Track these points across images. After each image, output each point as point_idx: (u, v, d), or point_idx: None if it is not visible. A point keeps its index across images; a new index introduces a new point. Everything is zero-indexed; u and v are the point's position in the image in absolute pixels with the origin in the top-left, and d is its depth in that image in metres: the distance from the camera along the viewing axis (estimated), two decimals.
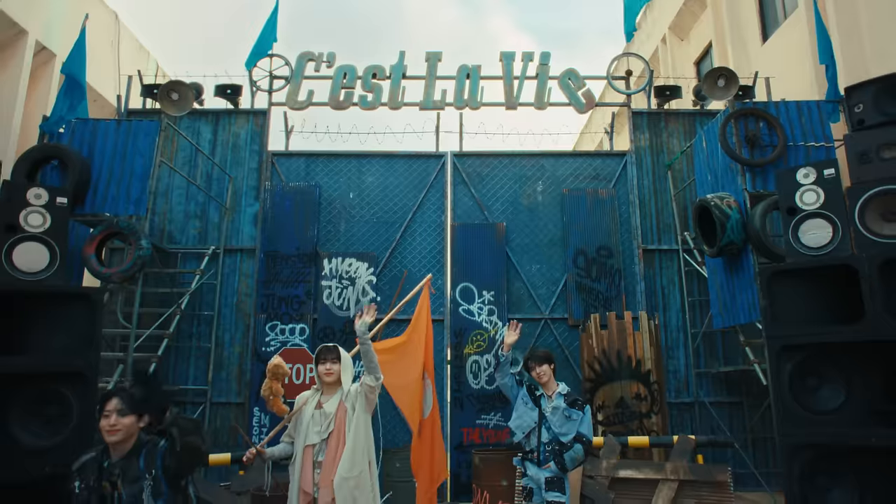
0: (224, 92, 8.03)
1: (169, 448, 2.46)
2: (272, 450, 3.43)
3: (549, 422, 4.05)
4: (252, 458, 3.29)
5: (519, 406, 4.28)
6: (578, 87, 8.09)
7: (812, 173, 3.64)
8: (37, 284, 3.44)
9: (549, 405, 4.09)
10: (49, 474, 3.24)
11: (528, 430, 4.16)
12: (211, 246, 7.54)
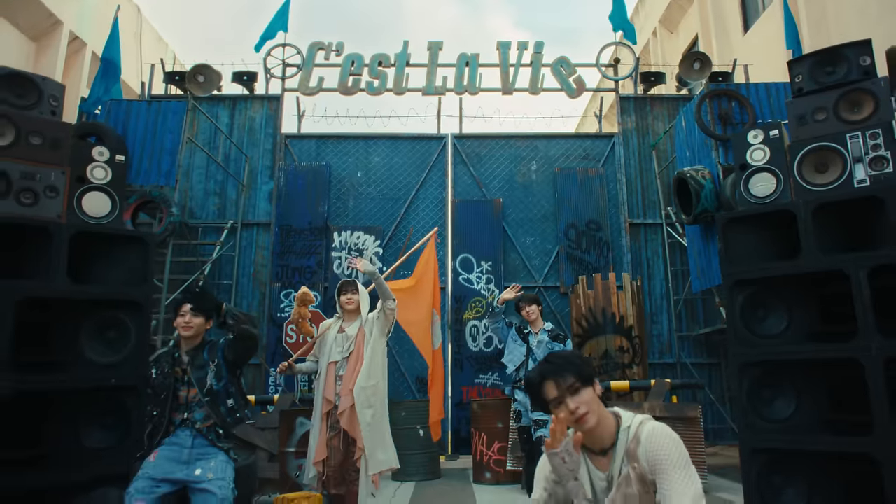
0: (241, 79, 8.65)
1: (227, 342, 3.08)
2: (300, 366, 4.06)
3: (535, 354, 4.68)
4: (285, 369, 3.92)
5: (510, 344, 4.91)
6: (570, 74, 8.70)
7: (760, 134, 4.26)
8: (101, 227, 4.05)
9: (535, 340, 4.72)
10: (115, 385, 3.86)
11: (519, 363, 4.80)
12: (229, 220, 8.16)
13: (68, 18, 8.04)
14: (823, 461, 3.77)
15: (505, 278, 8.01)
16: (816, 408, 3.92)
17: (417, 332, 4.80)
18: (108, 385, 3.87)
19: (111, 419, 3.90)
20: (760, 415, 3.97)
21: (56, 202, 3.90)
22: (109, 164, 4.18)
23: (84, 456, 3.76)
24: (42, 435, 3.46)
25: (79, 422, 3.84)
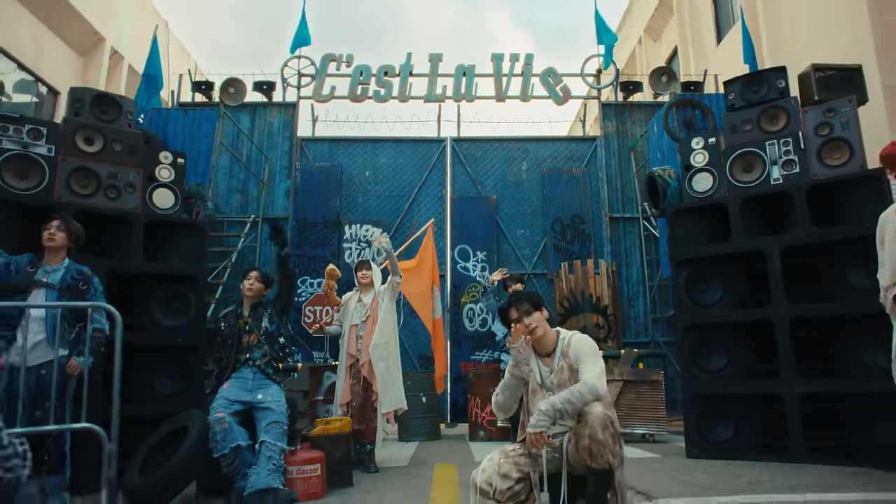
0: (261, 88, 9.59)
1: (274, 297, 4.08)
2: (329, 328, 5.04)
3: None
4: (318, 329, 4.89)
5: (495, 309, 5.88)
6: (557, 83, 9.66)
7: (701, 141, 5.24)
8: (167, 216, 5.02)
9: None
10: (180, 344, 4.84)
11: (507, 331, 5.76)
12: (251, 215, 9.12)
13: (110, 35, 9.00)
14: (747, 401, 4.78)
15: (498, 266, 8.93)
16: (743, 360, 4.93)
17: (419, 301, 5.77)
18: (175, 343, 4.86)
19: (177, 370, 4.90)
20: (699, 367, 4.98)
21: (133, 197, 4.89)
22: (172, 166, 5.18)
23: (157, 398, 4.74)
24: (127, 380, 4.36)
25: (152, 372, 4.83)
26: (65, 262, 3.56)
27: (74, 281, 3.52)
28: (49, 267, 3.49)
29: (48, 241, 3.50)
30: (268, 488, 3.31)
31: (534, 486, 2.59)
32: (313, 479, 3.56)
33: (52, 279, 3.46)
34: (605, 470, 2.41)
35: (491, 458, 2.63)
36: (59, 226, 3.55)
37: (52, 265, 3.50)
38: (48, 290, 3.42)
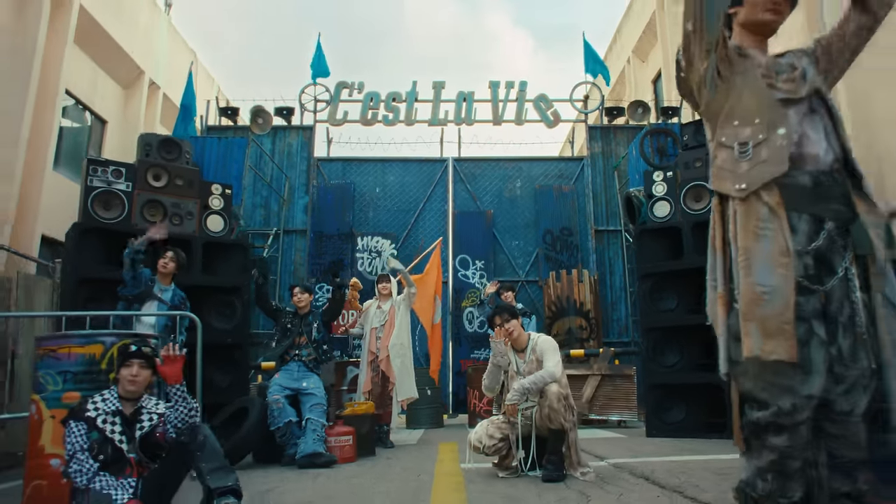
0: (281, 113, 10.64)
1: (323, 310, 5.14)
2: (353, 330, 6.11)
3: None
4: (344, 331, 5.95)
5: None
6: (548, 108, 10.71)
7: (661, 174, 6.30)
8: (219, 238, 6.09)
9: None
10: (229, 343, 5.89)
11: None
12: (273, 228, 10.17)
13: (149, 69, 10.07)
14: (695, 389, 5.83)
15: (495, 274, 10.01)
16: (694, 356, 6.00)
17: (421, 309, 6.83)
18: (225, 343, 5.92)
19: (226, 365, 5.97)
20: (657, 362, 6.03)
21: (192, 222, 5.96)
22: (221, 196, 6.26)
23: (213, 389, 5.80)
24: None
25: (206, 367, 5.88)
26: (172, 286, 4.65)
27: (179, 302, 4.62)
28: (161, 286, 4.56)
29: (163, 269, 4.58)
30: (315, 452, 4.36)
31: (512, 444, 3.65)
32: (347, 447, 4.62)
33: (165, 297, 4.54)
34: (560, 430, 3.47)
35: (481, 425, 3.70)
36: (172, 257, 4.63)
37: (164, 285, 4.58)
38: (160, 304, 4.50)
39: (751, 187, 1.60)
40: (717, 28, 1.65)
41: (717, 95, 1.73)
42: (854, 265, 1.57)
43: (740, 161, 1.63)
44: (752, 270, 1.54)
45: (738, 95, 1.69)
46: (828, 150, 1.65)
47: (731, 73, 1.71)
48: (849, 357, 1.52)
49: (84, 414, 2.58)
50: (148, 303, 4.51)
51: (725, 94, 1.72)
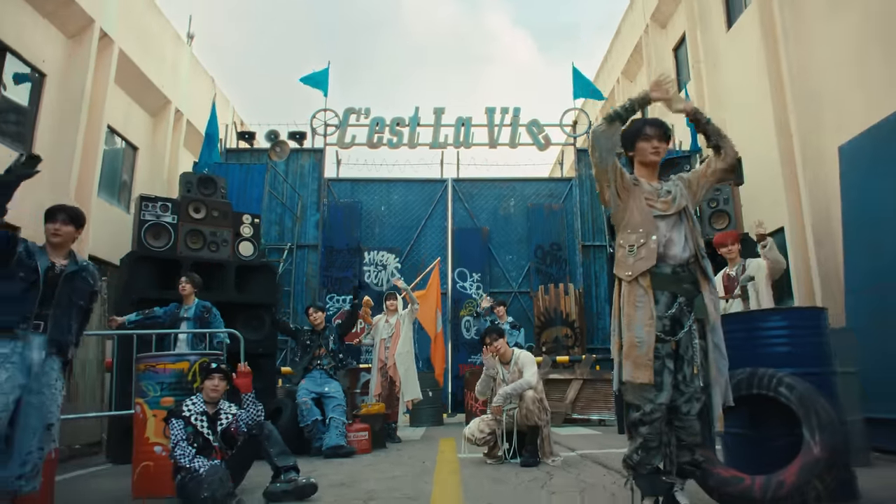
0: (294, 136, 11.58)
1: (338, 325, 6.09)
2: (365, 340, 7.06)
3: None
4: (357, 342, 6.91)
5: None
6: (539, 132, 11.67)
7: None
8: (249, 261, 7.05)
9: (501, 327, 7.70)
10: (260, 353, 6.85)
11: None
12: (288, 243, 11.13)
13: (174, 97, 11.02)
14: None
15: (490, 286, 10.99)
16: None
17: (425, 320, 7.79)
18: (256, 352, 6.87)
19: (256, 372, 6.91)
20: None
21: (226, 248, 6.92)
22: (251, 225, 7.22)
23: None
24: None
25: None
26: (195, 302, 5.60)
27: (201, 312, 5.57)
28: (185, 307, 5.53)
29: (181, 292, 5.54)
30: (338, 445, 5.32)
31: (498, 438, 4.62)
32: (363, 441, 5.59)
33: (188, 314, 5.51)
34: (535, 426, 4.43)
35: (474, 421, 4.67)
36: (185, 280, 5.59)
37: (187, 305, 5.55)
38: (187, 322, 5.46)
39: (634, 274, 2.54)
40: (610, 162, 2.62)
41: (617, 211, 2.69)
42: (696, 323, 2.53)
43: (629, 257, 2.58)
44: (632, 327, 2.49)
45: (631, 212, 2.65)
46: (685, 249, 2.60)
47: (627, 196, 2.67)
48: (689, 380, 2.47)
49: (181, 413, 3.55)
50: (181, 325, 5.48)
51: (623, 211, 2.67)
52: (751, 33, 9.41)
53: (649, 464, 2.43)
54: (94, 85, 8.51)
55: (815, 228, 7.75)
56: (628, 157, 2.83)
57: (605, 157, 2.64)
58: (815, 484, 2.30)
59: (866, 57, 6.98)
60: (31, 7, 7.63)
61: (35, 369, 3.05)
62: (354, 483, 3.84)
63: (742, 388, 2.71)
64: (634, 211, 2.65)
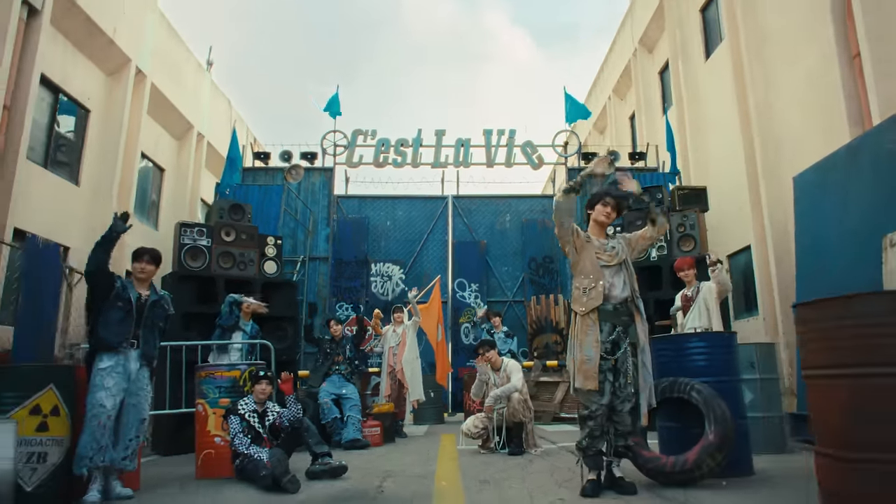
0: (306, 157, 12.51)
1: (353, 335, 7.03)
2: (375, 349, 8.00)
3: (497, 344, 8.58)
4: (370, 350, 7.85)
5: (482, 336, 8.83)
6: (533, 152, 12.60)
7: (611, 229, 8.20)
8: (273, 279, 7.99)
9: (497, 336, 8.64)
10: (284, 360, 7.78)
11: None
12: (300, 255, 12.05)
13: (196, 122, 11.97)
14: None
15: (487, 295, 11.92)
16: None
17: (428, 329, 8.73)
18: (281, 359, 7.80)
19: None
20: None
21: (253, 267, 7.85)
22: (274, 245, 8.16)
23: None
24: None
25: None
26: (251, 321, 6.53)
27: (255, 332, 6.51)
28: (244, 322, 6.45)
29: (246, 310, 6.46)
30: (355, 439, 6.26)
31: (490, 432, 5.56)
32: (376, 436, 6.52)
33: (246, 329, 6.43)
34: (520, 423, 5.37)
35: (470, 418, 5.61)
36: (252, 306, 6.51)
37: (245, 321, 6.47)
38: (243, 334, 6.39)
39: (586, 310, 3.47)
40: (568, 225, 3.56)
41: (574, 261, 3.62)
42: (630, 346, 3.47)
43: (583, 297, 3.51)
44: (583, 348, 3.42)
45: (584, 262, 3.58)
46: (623, 291, 3.53)
47: (581, 250, 3.61)
48: (623, 387, 3.39)
49: (237, 411, 4.49)
50: (235, 333, 6.40)
51: (578, 261, 3.60)
52: (724, 67, 10.35)
53: (594, 447, 3.37)
54: (131, 117, 9.46)
55: (776, 247, 8.69)
56: (587, 213, 3.77)
57: (565, 221, 3.58)
58: (709, 461, 3.24)
59: (819, 99, 7.91)
60: (76, 49, 8.55)
61: (132, 377, 4.00)
62: (373, 467, 4.77)
63: (666, 392, 3.65)
64: (587, 262, 3.59)
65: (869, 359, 2.21)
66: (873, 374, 2.19)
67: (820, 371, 2.36)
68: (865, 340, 2.22)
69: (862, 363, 2.22)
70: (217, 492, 3.97)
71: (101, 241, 4.03)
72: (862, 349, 2.22)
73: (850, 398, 2.23)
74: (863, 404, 2.20)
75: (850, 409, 2.23)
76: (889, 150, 6.26)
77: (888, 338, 2.18)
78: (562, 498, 3.28)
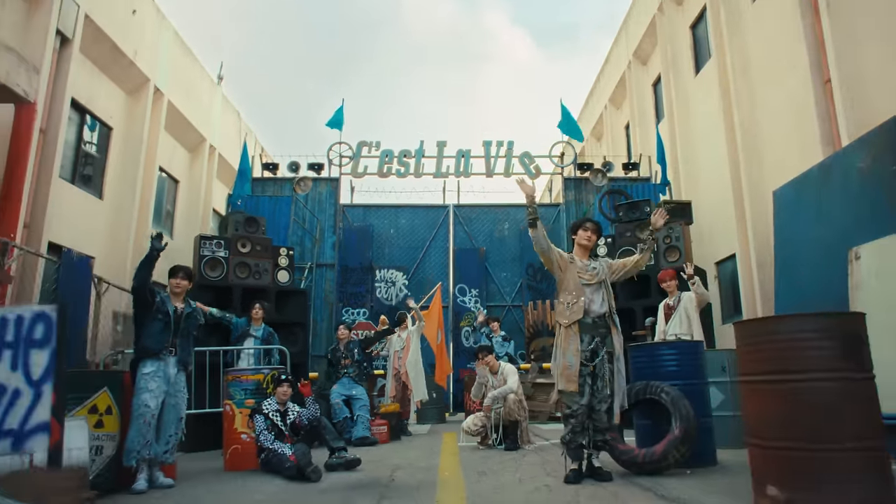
0: (313, 167, 13.06)
1: (360, 340, 7.57)
2: (382, 353, 8.55)
3: (496, 347, 9.13)
4: (377, 354, 8.40)
5: (482, 340, 9.37)
6: (531, 163, 13.13)
7: (603, 239, 8.74)
8: (286, 287, 8.54)
9: (495, 340, 9.19)
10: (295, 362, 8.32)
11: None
12: (308, 262, 12.60)
13: (208, 135, 12.54)
14: None
15: (487, 300, 12.46)
16: None
17: (429, 333, 9.28)
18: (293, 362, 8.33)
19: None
20: None
21: (267, 276, 8.42)
22: (287, 256, 8.71)
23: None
24: None
25: None
26: (262, 325, 7.07)
27: (267, 336, 7.05)
28: (254, 327, 7.00)
29: (254, 315, 7.00)
30: (364, 436, 6.80)
31: (488, 429, 6.10)
32: (383, 434, 7.06)
33: (257, 334, 6.98)
34: (515, 421, 5.91)
35: (469, 417, 6.15)
36: (259, 307, 7.05)
37: (256, 327, 7.02)
38: (254, 339, 6.94)
39: (569, 322, 4.01)
40: (546, 247, 4.10)
41: (559, 279, 4.17)
42: (606, 354, 4.01)
43: (566, 311, 4.05)
44: (566, 356, 3.96)
45: (567, 280, 4.12)
46: (602, 307, 4.07)
47: (565, 270, 4.15)
48: (600, 390, 3.93)
49: (262, 411, 5.04)
50: (247, 340, 6.96)
51: (562, 279, 4.15)
52: (712, 83, 10.89)
53: (576, 441, 3.92)
54: (150, 133, 10.02)
55: (758, 256, 9.22)
56: (572, 238, 4.32)
57: (545, 246, 4.13)
58: (674, 453, 3.78)
59: (796, 119, 8.44)
60: (100, 71, 9.12)
61: (171, 380, 4.55)
62: (383, 460, 5.32)
63: (641, 394, 4.20)
64: (570, 280, 4.13)
65: (789, 367, 2.75)
66: (792, 380, 2.73)
67: (752, 377, 2.90)
68: (786, 353, 2.76)
69: (783, 371, 2.76)
70: (248, 481, 4.51)
71: (144, 260, 4.58)
72: (784, 360, 2.76)
73: (774, 399, 2.78)
74: (783, 404, 2.74)
75: (773, 407, 2.77)
76: (857, 170, 6.80)
77: (803, 350, 2.72)
78: (547, 484, 3.82)
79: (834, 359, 2.66)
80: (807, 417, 2.64)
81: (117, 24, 8.86)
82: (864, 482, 2.51)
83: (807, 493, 2.57)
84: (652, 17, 13.59)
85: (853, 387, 2.63)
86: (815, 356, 2.69)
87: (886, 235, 6.18)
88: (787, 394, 2.72)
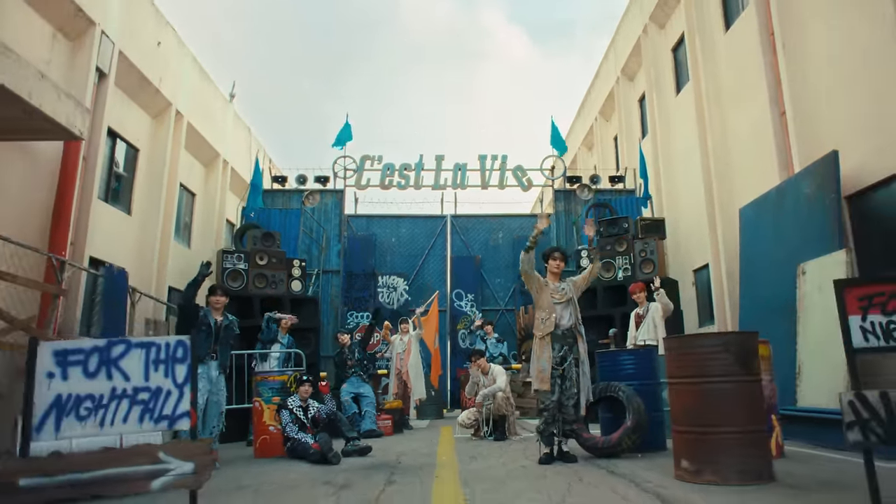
0: (319, 179, 13.95)
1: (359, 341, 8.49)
2: (386, 354, 9.46)
3: (489, 349, 10.04)
4: (381, 356, 9.31)
5: (477, 343, 10.29)
6: (523, 176, 14.03)
7: (584, 252, 9.65)
8: (299, 296, 9.44)
9: (489, 342, 10.10)
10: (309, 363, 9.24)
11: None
12: (315, 269, 13.48)
13: (222, 150, 13.42)
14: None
15: (482, 304, 13.37)
16: None
17: (427, 338, 10.20)
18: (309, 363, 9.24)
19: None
20: None
21: (282, 286, 9.33)
22: (300, 266, 9.61)
23: None
24: None
25: None
26: (287, 335, 7.97)
27: (292, 343, 7.96)
28: (281, 335, 7.90)
29: (284, 325, 7.90)
30: (371, 429, 7.71)
31: (480, 423, 7.02)
32: (388, 427, 7.98)
33: (283, 341, 7.88)
34: (504, 416, 6.83)
35: (464, 412, 7.07)
36: (287, 320, 7.94)
37: (283, 334, 7.92)
38: (280, 345, 7.84)
39: (542, 334, 4.91)
40: (530, 272, 5.02)
41: (536, 298, 5.08)
42: (573, 360, 4.91)
43: (541, 325, 4.95)
44: (539, 361, 4.87)
45: (542, 299, 5.02)
46: (569, 321, 4.98)
47: (540, 291, 5.06)
48: (568, 389, 4.84)
49: (287, 407, 5.95)
50: (275, 345, 7.87)
51: (539, 298, 5.06)
52: (689, 105, 11.79)
53: (548, 430, 4.83)
54: (171, 152, 10.90)
55: (728, 267, 10.14)
56: (546, 265, 5.24)
57: (529, 271, 5.04)
58: (626, 440, 4.70)
59: (759, 145, 9.35)
60: (130, 99, 9.99)
61: (214, 380, 5.46)
62: (389, 449, 6.23)
63: (603, 392, 5.11)
64: (544, 300, 5.05)
65: (701, 372, 3.66)
66: (702, 381, 3.64)
67: (675, 379, 3.81)
68: (699, 362, 3.67)
69: (697, 375, 3.67)
70: (278, 465, 5.42)
71: (192, 282, 5.48)
72: (697, 367, 3.68)
73: (690, 396, 3.69)
74: (696, 400, 3.65)
75: (690, 402, 3.68)
76: (805, 196, 7.73)
77: (711, 360, 3.63)
78: (524, 465, 4.74)
79: (731, 366, 3.57)
80: (711, 410, 3.56)
81: (145, 56, 9.74)
82: (747, 456, 3.43)
83: (708, 464, 3.48)
84: (637, 38, 14.48)
85: (744, 387, 3.55)
86: (718, 364, 3.61)
87: (827, 254, 7.13)
88: (699, 392, 3.64)
